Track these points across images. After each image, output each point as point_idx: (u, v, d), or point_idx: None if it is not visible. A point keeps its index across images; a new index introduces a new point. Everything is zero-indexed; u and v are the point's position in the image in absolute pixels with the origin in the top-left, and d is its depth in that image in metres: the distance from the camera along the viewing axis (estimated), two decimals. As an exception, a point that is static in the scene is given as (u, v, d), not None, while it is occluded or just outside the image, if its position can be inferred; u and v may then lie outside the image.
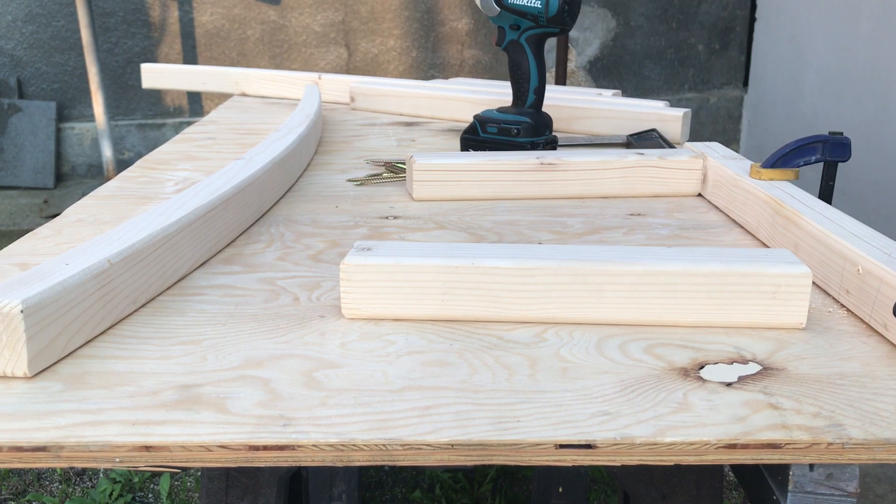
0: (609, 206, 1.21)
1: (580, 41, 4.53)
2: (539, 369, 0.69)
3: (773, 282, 0.76)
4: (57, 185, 4.36)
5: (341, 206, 1.20)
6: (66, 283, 0.69)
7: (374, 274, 0.77)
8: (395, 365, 0.69)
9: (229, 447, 0.57)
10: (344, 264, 0.77)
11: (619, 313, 0.77)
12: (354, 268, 0.77)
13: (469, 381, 0.67)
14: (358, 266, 0.77)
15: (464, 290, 0.77)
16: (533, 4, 1.37)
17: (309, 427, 0.59)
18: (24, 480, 2.23)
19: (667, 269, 0.76)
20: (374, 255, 0.78)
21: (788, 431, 0.59)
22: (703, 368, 0.69)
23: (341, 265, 0.77)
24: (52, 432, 0.58)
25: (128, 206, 1.18)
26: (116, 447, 0.57)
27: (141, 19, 4.34)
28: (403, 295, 0.78)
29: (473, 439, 0.58)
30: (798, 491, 0.63)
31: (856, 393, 0.65)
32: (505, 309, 0.78)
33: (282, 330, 0.76)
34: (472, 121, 1.49)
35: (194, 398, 0.63)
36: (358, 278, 0.78)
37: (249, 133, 1.73)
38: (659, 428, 0.60)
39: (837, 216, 0.93)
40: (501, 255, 0.78)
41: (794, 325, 0.77)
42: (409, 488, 2.17)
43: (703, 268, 0.76)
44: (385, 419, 0.60)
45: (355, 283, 0.78)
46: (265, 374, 0.67)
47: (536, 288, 0.77)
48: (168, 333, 0.75)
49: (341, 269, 0.77)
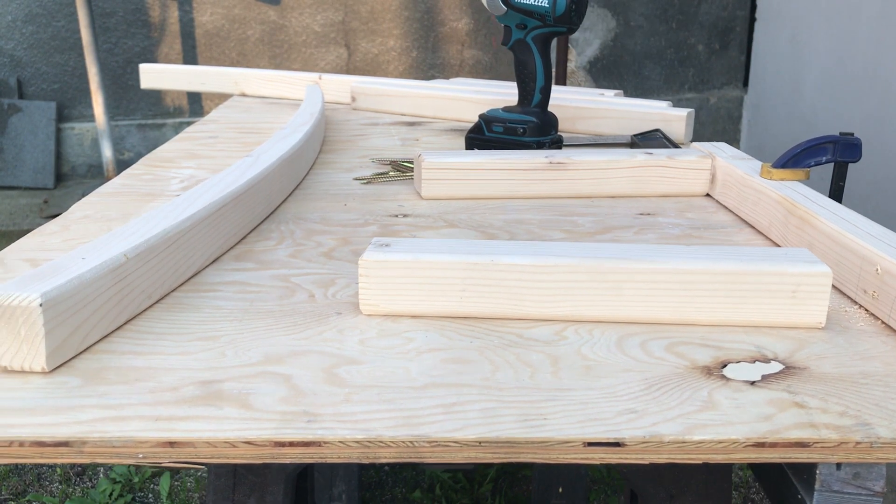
0: (619, 206, 1.20)
1: (580, 41, 4.53)
2: (561, 367, 0.68)
3: (793, 281, 0.75)
4: (57, 185, 4.35)
5: (350, 205, 1.19)
6: (83, 277, 0.68)
7: (393, 270, 0.77)
8: (416, 362, 0.69)
9: (255, 443, 0.57)
10: (363, 260, 0.77)
11: (638, 311, 0.77)
12: (373, 264, 0.77)
13: (492, 378, 0.66)
14: (377, 262, 0.77)
15: (482, 286, 0.77)
16: (540, 3, 1.36)
17: (334, 423, 0.58)
18: (24, 480, 2.21)
19: (686, 267, 0.76)
20: (392, 252, 0.77)
21: (816, 430, 0.59)
22: (726, 367, 0.69)
23: (360, 261, 0.77)
24: (74, 427, 0.58)
25: (133, 203, 1.18)
26: (140, 442, 0.56)
27: (141, 19, 4.33)
28: (422, 291, 0.77)
29: (501, 437, 0.57)
30: (825, 490, 0.62)
31: (880, 392, 0.65)
32: (524, 306, 0.77)
33: (299, 326, 0.76)
34: (478, 120, 1.48)
35: (216, 394, 0.63)
36: (377, 274, 0.77)
37: (251, 132, 1.73)
38: (686, 426, 0.59)
39: (852, 216, 0.93)
40: (520, 251, 0.78)
41: (813, 325, 0.77)
42: (409, 488, 2.16)
43: (723, 266, 0.76)
44: (410, 416, 0.60)
45: (374, 279, 0.77)
46: (286, 370, 0.67)
47: (555, 285, 0.76)
48: (184, 329, 0.75)
49: (360, 264, 0.77)
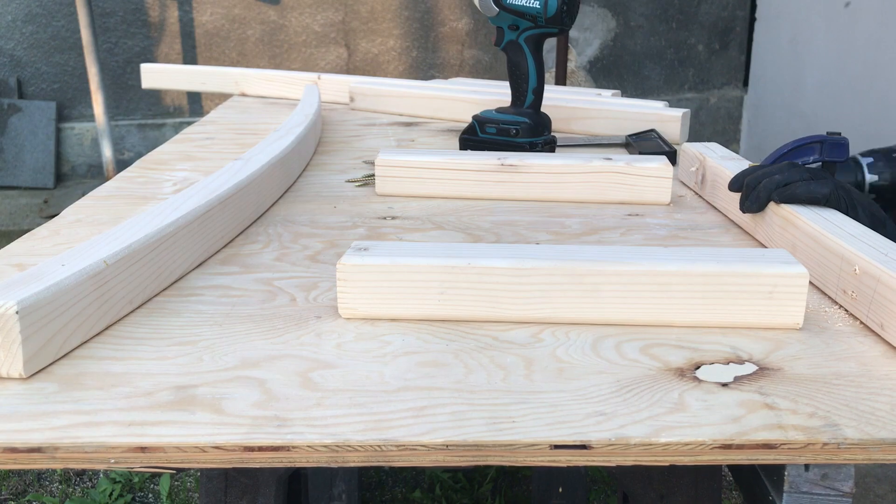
0: (607, 207, 1.21)
1: (580, 41, 4.53)
2: (535, 370, 0.69)
3: (770, 282, 0.76)
4: (57, 185, 4.36)
5: (339, 207, 1.20)
6: (61, 283, 0.69)
7: (371, 274, 0.78)
8: (391, 366, 0.69)
9: (224, 448, 0.57)
10: (340, 264, 0.77)
11: (616, 313, 0.77)
12: (351, 268, 0.77)
13: (464, 381, 0.67)
14: (354, 266, 0.77)
15: (461, 289, 0.77)
16: (531, 5, 1.37)
17: (304, 428, 0.59)
18: (24, 481, 2.23)
19: (663, 269, 0.76)
20: (370, 255, 0.78)
21: (784, 431, 0.59)
22: (700, 369, 0.69)
23: (338, 265, 0.78)
24: (48, 433, 0.58)
25: (126, 206, 1.18)
26: (111, 448, 0.57)
27: (141, 19, 4.34)
28: (400, 295, 0.78)
29: (468, 440, 0.58)
30: (793, 491, 0.63)
31: (852, 393, 0.65)
32: (502, 309, 0.78)
33: (278, 330, 0.76)
34: (471, 121, 1.49)
35: (190, 399, 0.63)
36: (355, 278, 0.78)
37: (249, 133, 1.73)
38: (654, 428, 0.60)
39: (834, 216, 0.93)
40: (498, 255, 0.78)
41: (790, 326, 0.77)
42: (409, 488, 2.17)
43: (700, 268, 0.76)
44: (380, 420, 0.60)
45: (352, 284, 0.78)
46: (261, 374, 0.67)
47: (533, 288, 0.77)
48: (164, 334, 0.75)
49: (338, 269, 0.78)
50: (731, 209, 1.14)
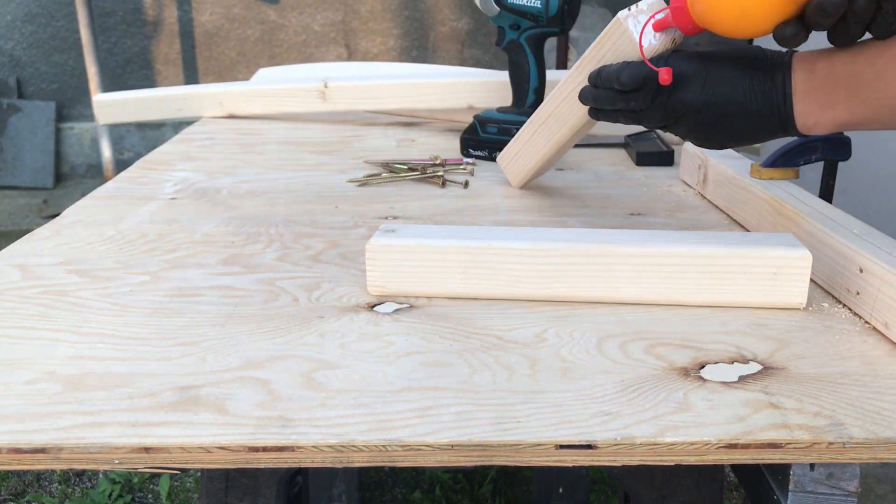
0: (610, 207, 1.20)
1: (580, 41, 4.53)
2: (539, 369, 0.69)
3: (775, 263, 0.80)
4: (56, 185, 4.36)
5: (341, 207, 1.19)
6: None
7: (398, 254, 0.83)
8: (395, 365, 0.69)
9: (228, 448, 0.57)
10: (370, 244, 0.83)
11: (628, 292, 0.82)
12: (380, 248, 0.83)
13: (469, 381, 0.66)
14: (383, 246, 0.83)
15: (481, 269, 0.83)
16: (533, 4, 1.37)
17: (308, 428, 0.59)
18: (24, 481, 2.23)
19: (672, 250, 0.81)
20: (397, 237, 0.84)
21: (789, 431, 0.59)
22: (704, 368, 0.69)
23: (367, 245, 0.83)
24: (52, 434, 0.58)
25: (127, 206, 1.18)
26: (116, 448, 0.57)
27: (140, 19, 4.34)
28: (425, 273, 0.83)
29: (473, 440, 0.58)
30: (798, 490, 0.63)
31: (857, 392, 0.65)
32: (521, 287, 0.83)
33: (281, 331, 0.76)
34: (472, 121, 1.49)
35: (193, 399, 0.63)
36: (383, 258, 0.83)
37: (249, 133, 1.73)
38: (659, 428, 0.59)
39: (838, 215, 0.93)
40: (516, 237, 0.84)
41: (794, 305, 0.81)
42: (409, 489, 2.17)
43: (707, 250, 0.80)
44: (385, 420, 0.60)
45: (380, 262, 0.84)
46: (264, 374, 0.67)
47: (550, 268, 0.82)
48: (167, 334, 0.75)
49: (367, 248, 0.83)
50: (733, 209, 1.14)
